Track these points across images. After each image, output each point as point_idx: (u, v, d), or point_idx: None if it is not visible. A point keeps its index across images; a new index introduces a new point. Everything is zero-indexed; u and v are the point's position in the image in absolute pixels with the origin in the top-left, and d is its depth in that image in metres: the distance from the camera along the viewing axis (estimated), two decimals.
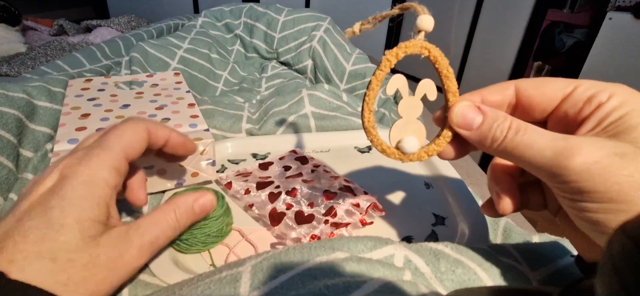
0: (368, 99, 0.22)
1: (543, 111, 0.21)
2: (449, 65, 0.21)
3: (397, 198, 0.37)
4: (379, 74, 0.21)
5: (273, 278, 0.22)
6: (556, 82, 0.21)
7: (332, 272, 0.22)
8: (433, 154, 0.23)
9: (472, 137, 0.21)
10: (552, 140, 0.18)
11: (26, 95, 0.39)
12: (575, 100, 0.19)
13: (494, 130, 0.20)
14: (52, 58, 0.84)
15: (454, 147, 0.23)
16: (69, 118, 0.35)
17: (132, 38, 0.75)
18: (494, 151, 0.20)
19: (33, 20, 1.13)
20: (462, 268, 0.22)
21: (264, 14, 0.77)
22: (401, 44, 0.21)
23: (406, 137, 0.23)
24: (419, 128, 0.23)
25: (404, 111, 0.23)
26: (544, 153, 0.18)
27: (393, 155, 0.23)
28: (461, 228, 0.33)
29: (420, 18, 0.21)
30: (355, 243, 0.24)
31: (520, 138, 0.19)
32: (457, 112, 0.21)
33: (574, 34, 1.56)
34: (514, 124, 0.19)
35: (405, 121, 0.23)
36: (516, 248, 0.25)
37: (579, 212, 0.18)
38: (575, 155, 0.17)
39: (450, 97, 0.22)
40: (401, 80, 0.22)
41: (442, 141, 0.22)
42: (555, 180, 0.18)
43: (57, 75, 0.49)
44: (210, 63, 0.66)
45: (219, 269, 0.25)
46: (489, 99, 0.22)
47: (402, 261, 0.23)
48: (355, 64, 0.68)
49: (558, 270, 0.23)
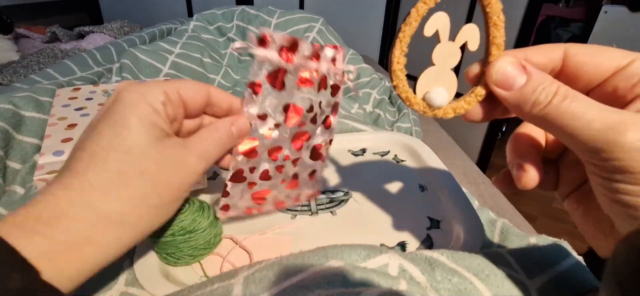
0: (402, 36, 0.19)
1: (590, 82, 0.19)
2: (502, 12, 0.18)
3: (391, 202, 0.36)
4: (420, 7, 0.18)
5: (266, 290, 0.22)
6: (611, 51, 0.19)
7: (326, 283, 0.21)
8: (461, 113, 0.21)
9: (510, 98, 0.19)
10: (603, 113, 0.16)
11: (12, 106, 0.38)
12: (629, 74, 0.18)
13: (538, 94, 0.18)
14: (45, 65, 0.83)
15: (483, 108, 0.21)
16: (55, 129, 0.35)
17: (124, 44, 0.75)
18: (532, 117, 0.19)
19: (25, 28, 1.12)
20: (458, 277, 0.21)
21: (256, 17, 0.77)
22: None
23: (435, 87, 0.20)
24: (451, 80, 0.20)
25: (438, 58, 0.20)
26: (593, 124, 0.16)
27: (417, 106, 0.20)
28: (457, 231, 0.32)
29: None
30: (349, 252, 0.24)
31: (567, 106, 0.17)
32: (499, 68, 0.19)
33: (570, 29, 1.56)
34: (562, 90, 0.18)
35: (438, 70, 0.20)
36: (513, 254, 0.25)
37: (614, 193, 0.17)
38: (627, 131, 0.15)
39: (494, 50, 0.19)
40: (442, 19, 0.19)
41: (473, 99, 0.20)
42: (598, 155, 0.17)
43: (46, 84, 0.48)
44: (202, 67, 0.66)
45: (210, 280, 0.24)
46: (534, 60, 0.20)
47: (396, 270, 0.23)
48: (349, 63, 0.67)
49: (558, 276, 0.23)
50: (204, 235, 0.28)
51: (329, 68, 0.28)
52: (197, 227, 0.27)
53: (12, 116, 0.37)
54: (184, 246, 0.27)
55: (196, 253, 0.28)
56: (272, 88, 0.26)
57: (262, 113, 0.27)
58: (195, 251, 0.28)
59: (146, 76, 0.58)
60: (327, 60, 0.27)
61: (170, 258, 0.27)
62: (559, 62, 0.20)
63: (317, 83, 0.28)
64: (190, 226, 0.27)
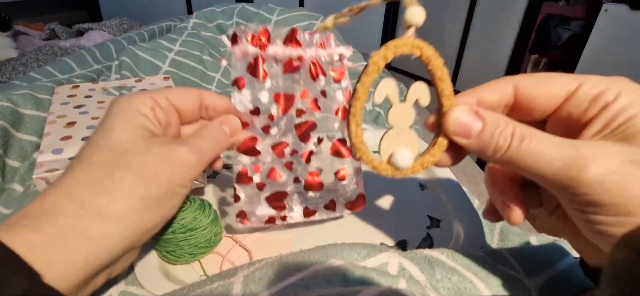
0: (354, 111, 0.20)
1: (544, 111, 0.20)
2: (444, 66, 0.19)
3: (391, 201, 0.36)
4: (365, 80, 0.19)
5: (266, 289, 0.22)
6: (559, 79, 0.19)
7: (326, 282, 0.21)
8: (429, 166, 0.21)
9: (471, 145, 0.19)
10: (561, 149, 0.16)
11: (11, 103, 0.38)
12: (579, 100, 0.18)
13: (496, 138, 0.18)
14: (44, 63, 0.83)
15: (450, 154, 0.21)
16: (54, 127, 0.35)
17: (124, 41, 0.74)
18: (497, 161, 0.19)
19: (24, 25, 1.11)
20: (457, 276, 0.21)
21: (256, 14, 0.76)
22: (389, 43, 0.18)
23: (398, 149, 0.20)
24: (411, 139, 0.21)
25: (394, 120, 0.20)
26: (554, 164, 0.16)
27: (386, 172, 0.21)
28: (456, 230, 0.32)
29: (409, 11, 0.18)
30: (348, 251, 0.24)
31: (526, 148, 0.17)
32: (454, 118, 0.19)
33: (570, 27, 1.55)
34: (518, 131, 0.18)
35: (397, 131, 0.20)
36: (513, 253, 0.25)
37: (591, 225, 0.17)
38: (589, 166, 0.15)
39: (445, 100, 0.19)
40: (390, 85, 0.20)
41: (438, 150, 0.20)
42: (566, 192, 0.17)
43: (45, 82, 0.48)
44: (202, 65, 0.66)
45: (210, 279, 0.24)
46: (486, 100, 0.20)
47: (396, 269, 0.23)
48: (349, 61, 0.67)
49: (557, 275, 0.23)
50: (204, 233, 0.27)
51: (318, 53, 0.27)
52: (197, 225, 0.27)
53: (11, 114, 0.37)
54: (185, 244, 0.27)
55: (196, 251, 0.28)
56: (254, 78, 0.26)
57: (253, 108, 0.27)
58: (196, 249, 0.28)
59: (146, 74, 0.58)
60: (310, 45, 0.27)
61: (171, 256, 0.27)
62: (511, 97, 0.20)
63: (306, 69, 0.27)
64: (191, 224, 0.27)
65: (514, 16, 1.51)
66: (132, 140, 0.22)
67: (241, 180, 0.28)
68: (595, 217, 0.16)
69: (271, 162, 0.28)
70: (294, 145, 0.29)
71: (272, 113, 0.27)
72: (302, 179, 0.30)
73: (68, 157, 0.31)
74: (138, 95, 0.24)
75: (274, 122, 0.28)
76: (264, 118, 0.27)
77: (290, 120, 0.28)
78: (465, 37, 1.68)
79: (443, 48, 1.77)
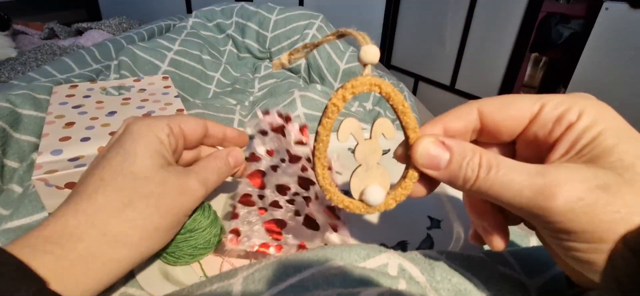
0: (319, 154, 0.19)
1: (511, 134, 0.19)
2: (405, 99, 0.19)
3: None
4: (326, 123, 0.19)
5: (265, 290, 0.22)
6: (521, 101, 0.19)
7: (325, 283, 0.21)
8: (402, 199, 0.21)
9: (441, 177, 0.19)
10: (529, 177, 0.16)
11: (9, 104, 0.38)
12: (543, 121, 0.18)
13: (464, 169, 0.18)
14: (43, 62, 0.83)
15: (424, 184, 0.21)
16: (53, 128, 0.34)
17: (123, 40, 0.74)
18: (467, 191, 0.19)
19: (23, 25, 1.11)
20: (457, 277, 0.21)
21: (256, 13, 0.76)
22: (347, 84, 0.18)
23: (369, 186, 0.20)
24: (381, 173, 0.20)
25: (362, 157, 0.20)
26: (523, 193, 0.16)
27: (358, 209, 0.21)
28: (457, 231, 0.32)
29: (363, 50, 0.17)
30: (348, 252, 0.24)
31: (494, 177, 0.17)
32: (421, 152, 0.19)
33: (571, 25, 1.55)
34: (484, 161, 0.18)
35: (365, 168, 0.20)
36: (513, 254, 0.25)
37: (567, 251, 0.16)
38: (557, 194, 0.15)
39: (410, 133, 0.20)
40: (353, 124, 0.19)
41: (409, 182, 0.20)
42: (538, 220, 0.16)
43: (44, 82, 0.48)
44: (201, 64, 0.65)
45: (209, 280, 0.24)
46: (451, 127, 0.20)
47: (396, 270, 0.22)
48: (349, 62, 0.67)
49: (557, 276, 0.23)
50: (204, 234, 0.27)
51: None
52: (197, 227, 0.27)
53: (10, 114, 0.37)
54: (184, 246, 0.27)
55: (196, 252, 0.28)
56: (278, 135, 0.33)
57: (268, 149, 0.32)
58: (195, 250, 0.27)
59: (145, 73, 0.57)
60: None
61: (170, 258, 0.27)
62: (477, 122, 0.20)
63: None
64: (191, 226, 0.27)
65: (514, 14, 1.50)
66: (152, 168, 0.23)
67: (245, 201, 0.30)
68: (569, 244, 0.16)
69: (274, 195, 0.30)
70: (295, 190, 0.31)
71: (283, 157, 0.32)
72: (302, 214, 0.31)
73: (67, 158, 0.31)
74: (156, 121, 0.25)
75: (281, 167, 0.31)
76: (276, 160, 0.32)
77: (295, 171, 0.31)
78: (466, 35, 1.68)
79: (443, 47, 1.77)
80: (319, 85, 0.54)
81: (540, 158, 0.19)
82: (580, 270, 0.17)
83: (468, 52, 1.71)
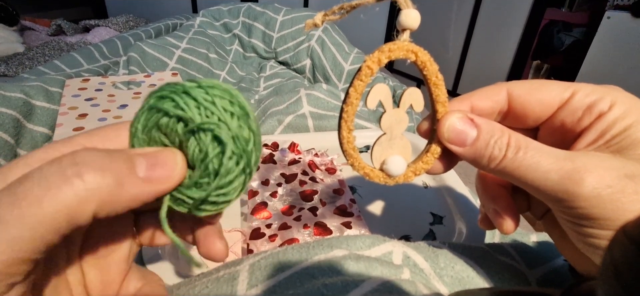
0: (346, 116, 0.19)
1: (538, 118, 0.19)
2: (439, 71, 0.19)
3: (394, 198, 0.37)
4: (358, 85, 0.18)
5: (271, 277, 0.22)
6: (552, 86, 0.18)
7: (330, 271, 0.22)
8: (421, 173, 0.20)
9: (465, 154, 0.19)
10: (557, 161, 0.16)
11: (24, 95, 0.39)
12: (573, 108, 0.18)
13: (491, 148, 0.18)
14: (50, 58, 0.84)
15: (443, 162, 0.20)
16: (67, 119, 0.35)
17: (130, 38, 0.75)
18: (490, 170, 0.18)
19: (30, 20, 1.12)
20: (461, 264, 0.22)
21: (262, 14, 0.77)
22: (384, 47, 0.18)
23: (391, 156, 0.20)
24: (404, 145, 0.20)
25: (387, 126, 0.20)
26: (549, 176, 0.16)
27: (377, 179, 0.20)
28: (459, 227, 0.33)
29: (403, 13, 0.17)
30: (353, 240, 0.24)
31: (522, 159, 0.17)
32: (449, 126, 0.19)
33: (573, 33, 1.56)
34: (513, 141, 0.17)
35: (389, 137, 0.20)
36: (514, 247, 0.25)
37: (583, 237, 0.16)
38: (585, 179, 0.15)
39: (439, 107, 0.19)
40: (383, 90, 0.19)
41: (430, 157, 0.20)
42: (561, 204, 0.16)
43: (54, 75, 0.49)
44: (208, 63, 0.66)
45: (216, 268, 0.24)
46: (479, 106, 0.20)
47: (400, 258, 0.23)
48: (354, 63, 0.68)
49: (558, 267, 0.23)
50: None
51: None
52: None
53: (23, 105, 0.38)
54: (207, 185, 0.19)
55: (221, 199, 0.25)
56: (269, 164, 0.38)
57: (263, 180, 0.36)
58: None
59: (153, 69, 0.58)
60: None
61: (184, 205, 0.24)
62: (505, 104, 0.20)
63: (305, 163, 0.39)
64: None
65: (516, 21, 1.51)
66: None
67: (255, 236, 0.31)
68: (588, 230, 0.16)
69: (281, 219, 0.32)
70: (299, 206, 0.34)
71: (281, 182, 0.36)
72: (311, 225, 0.32)
73: None
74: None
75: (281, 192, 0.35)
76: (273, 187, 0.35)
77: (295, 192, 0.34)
78: (468, 42, 1.69)
79: (446, 52, 1.77)
80: (324, 84, 0.55)
81: (563, 146, 0.18)
82: (593, 256, 0.17)
83: (470, 59, 1.72)
